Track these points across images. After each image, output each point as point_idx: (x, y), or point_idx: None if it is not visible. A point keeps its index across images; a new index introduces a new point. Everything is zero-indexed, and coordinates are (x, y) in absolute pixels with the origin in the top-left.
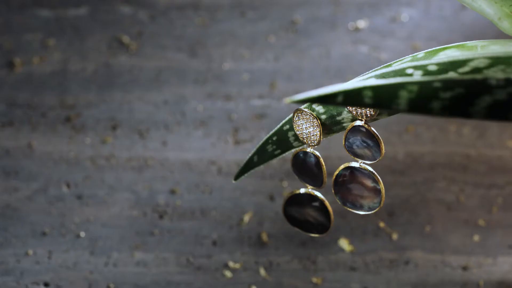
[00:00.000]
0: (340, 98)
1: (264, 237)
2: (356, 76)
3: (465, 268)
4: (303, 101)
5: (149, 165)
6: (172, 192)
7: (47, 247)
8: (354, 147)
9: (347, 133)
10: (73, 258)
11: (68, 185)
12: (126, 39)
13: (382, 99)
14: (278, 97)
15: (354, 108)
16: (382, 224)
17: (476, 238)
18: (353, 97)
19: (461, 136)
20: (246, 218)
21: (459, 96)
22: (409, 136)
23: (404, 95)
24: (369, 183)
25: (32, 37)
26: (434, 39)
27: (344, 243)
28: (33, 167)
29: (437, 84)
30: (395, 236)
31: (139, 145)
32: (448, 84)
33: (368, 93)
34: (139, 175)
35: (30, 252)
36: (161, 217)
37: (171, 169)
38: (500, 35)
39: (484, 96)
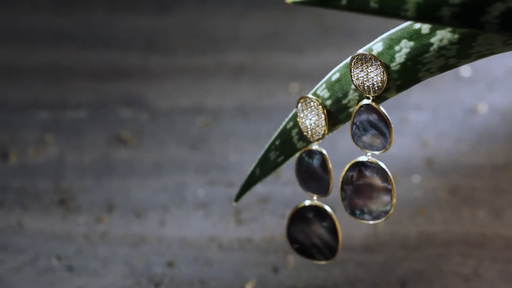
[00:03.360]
0: (344, 1)
1: None
2: None
3: None
4: (305, 3)
5: (145, 241)
6: (170, 264)
7: None
8: (362, 134)
9: (354, 117)
10: None
11: (58, 258)
12: (125, 135)
13: (389, 4)
14: (282, 184)
15: (361, 82)
16: None
17: None
18: (358, 0)
19: (475, 218)
20: (249, 286)
21: (470, 3)
22: (421, 218)
23: None
24: (379, 182)
25: (28, 133)
26: (444, 136)
27: None
28: (22, 242)
29: None
30: None
31: (135, 224)
32: None
33: None
34: (135, 249)
35: None
36: (157, 286)
37: (169, 244)
38: None
39: (496, 3)
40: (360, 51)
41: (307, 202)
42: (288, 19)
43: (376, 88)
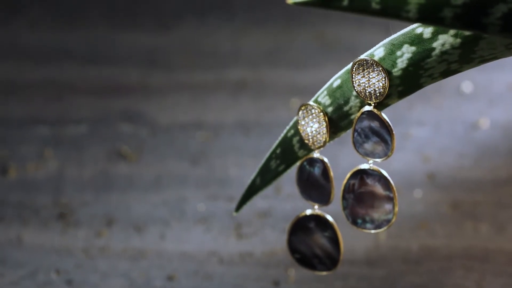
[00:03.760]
0: (345, 1)
1: None
2: None
3: None
4: (306, 3)
5: (145, 255)
6: (170, 278)
7: None
8: (363, 141)
9: (355, 123)
10: None
11: (58, 272)
12: (125, 150)
13: (390, 5)
14: (283, 199)
15: (362, 88)
16: None
17: None
18: (359, 0)
19: (478, 232)
20: None
21: (472, 4)
22: (423, 232)
23: (413, 0)
24: (381, 191)
25: (28, 148)
26: (446, 151)
27: None
28: (21, 256)
29: None
30: None
31: (135, 238)
32: None
33: None
34: (134, 263)
35: None
36: None
37: (169, 258)
38: None
39: (499, 4)
40: (362, 56)
41: (308, 212)
42: (288, 35)
43: (378, 94)
